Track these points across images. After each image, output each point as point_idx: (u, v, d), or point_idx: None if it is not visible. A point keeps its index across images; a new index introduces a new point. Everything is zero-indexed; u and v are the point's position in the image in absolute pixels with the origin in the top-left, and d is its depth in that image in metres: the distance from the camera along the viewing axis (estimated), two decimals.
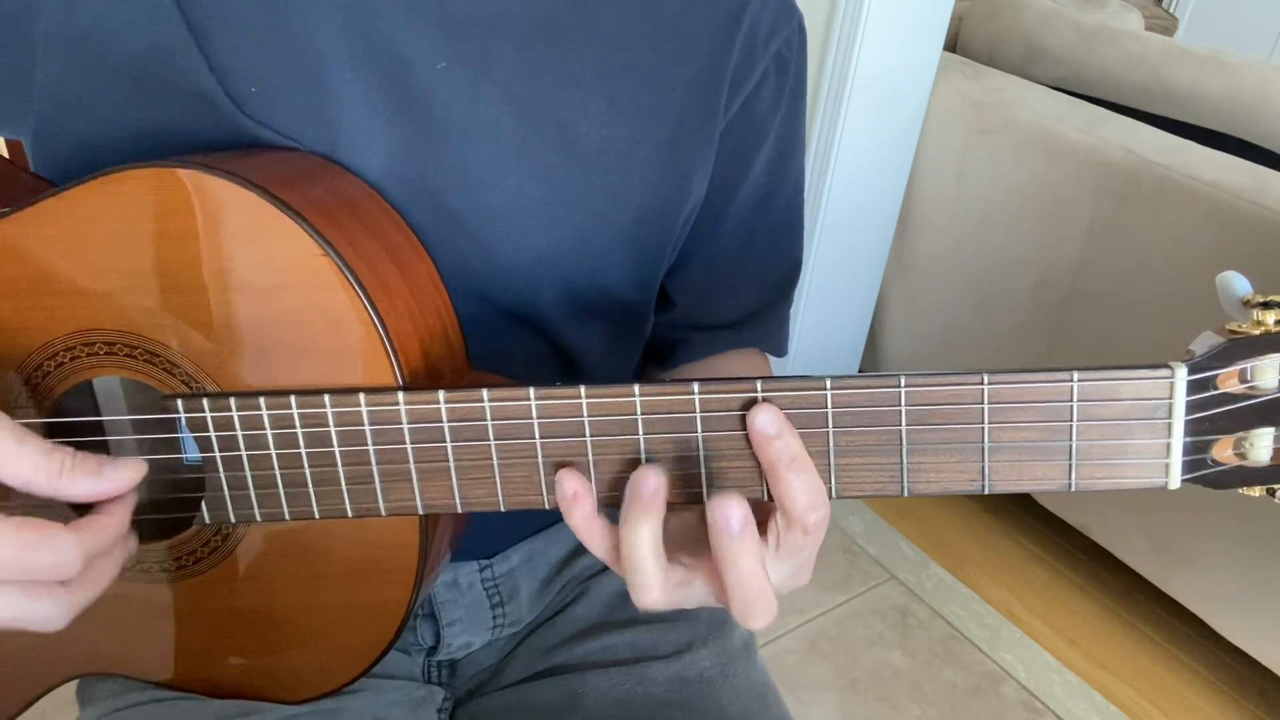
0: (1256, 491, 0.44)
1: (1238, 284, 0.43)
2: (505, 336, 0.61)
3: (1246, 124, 1.55)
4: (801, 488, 0.42)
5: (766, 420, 0.43)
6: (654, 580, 0.43)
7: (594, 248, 0.61)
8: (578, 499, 0.44)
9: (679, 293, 0.70)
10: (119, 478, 0.43)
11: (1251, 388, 0.42)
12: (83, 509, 0.44)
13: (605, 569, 0.74)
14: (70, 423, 0.51)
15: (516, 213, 0.57)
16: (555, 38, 0.56)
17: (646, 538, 0.43)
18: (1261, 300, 0.42)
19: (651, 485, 0.43)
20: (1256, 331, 0.42)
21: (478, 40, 0.54)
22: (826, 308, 1.88)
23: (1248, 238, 1.38)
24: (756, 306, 0.73)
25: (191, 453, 0.49)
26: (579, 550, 0.75)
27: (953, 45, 1.95)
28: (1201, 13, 3.74)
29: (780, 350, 0.77)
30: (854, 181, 1.74)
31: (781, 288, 0.75)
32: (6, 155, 0.58)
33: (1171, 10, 3.69)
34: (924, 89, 1.75)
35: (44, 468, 0.41)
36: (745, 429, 0.44)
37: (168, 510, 0.51)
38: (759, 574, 0.42)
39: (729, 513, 0.41)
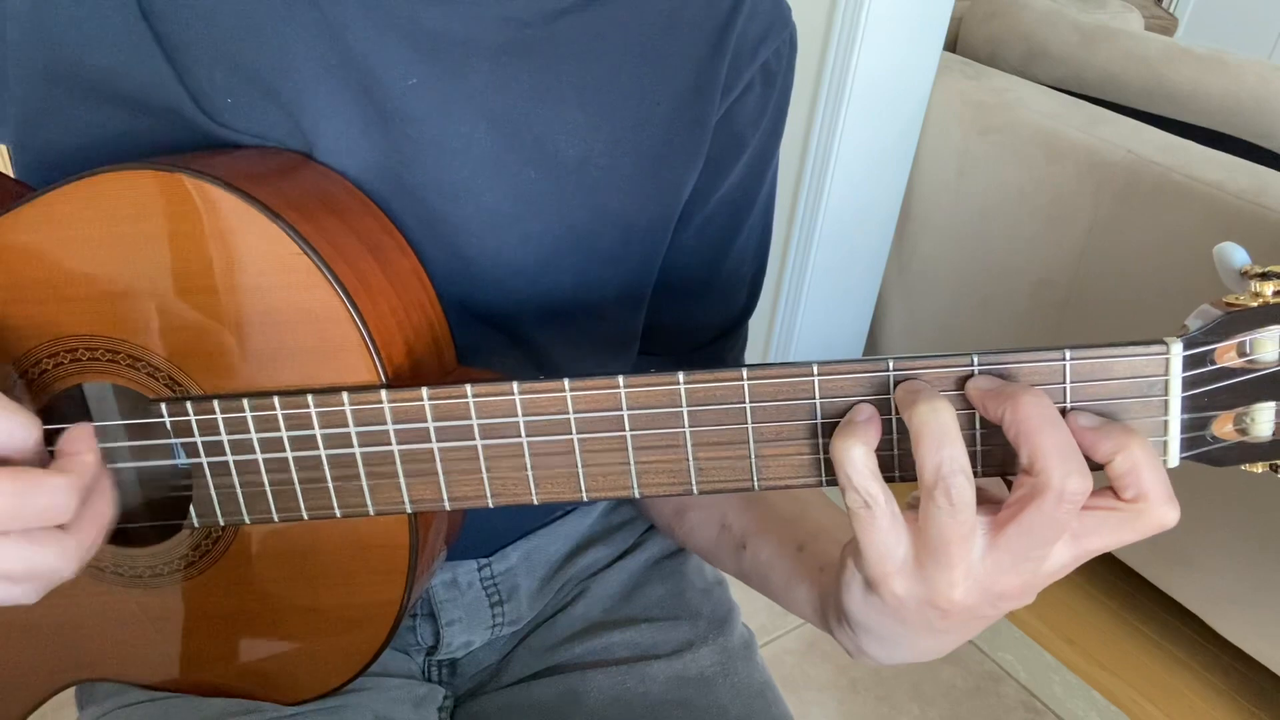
0: (1259, 468, 0.43)
1: (1235, 255, 0.41)
2: (488, 350, 0.60)
3: (1246, 124, 1.55)
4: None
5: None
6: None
7: (577, 264, 0.60)
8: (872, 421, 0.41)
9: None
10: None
11: (1251, 361, 0.41)
12: None
13: (606, 567, 0.74)
14: (59, 430, 0.50)
15: (493, 227, 0.56)
16: (529, 54, 0.55)
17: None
18: (1260, 271, 0.40)
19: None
20: (1255, 303, 0.40)
21: (450, 56, 0.54)
22: (826, 308, 1.88)
23: (1248, 238, 1.38)
24: (723, 325, 0.71)
25: (178, 457, 0.49)
26: (579, 548, 0.75)
27: (953, 45, 1.95)
28: (1201, 13, 3.74)
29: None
30: (854, 181, 1.73)
31: (748, 303, 0.73)
32: None
33: (1171, 10, 3.68)
34: (924, 89, 1.75)
35: (19, 422, 0.40)
36: (731, 421, 0.43)
37: (157, 514, 0.51)
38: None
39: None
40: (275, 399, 0.46)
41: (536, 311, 0.60)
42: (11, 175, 0.56)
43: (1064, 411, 0.41)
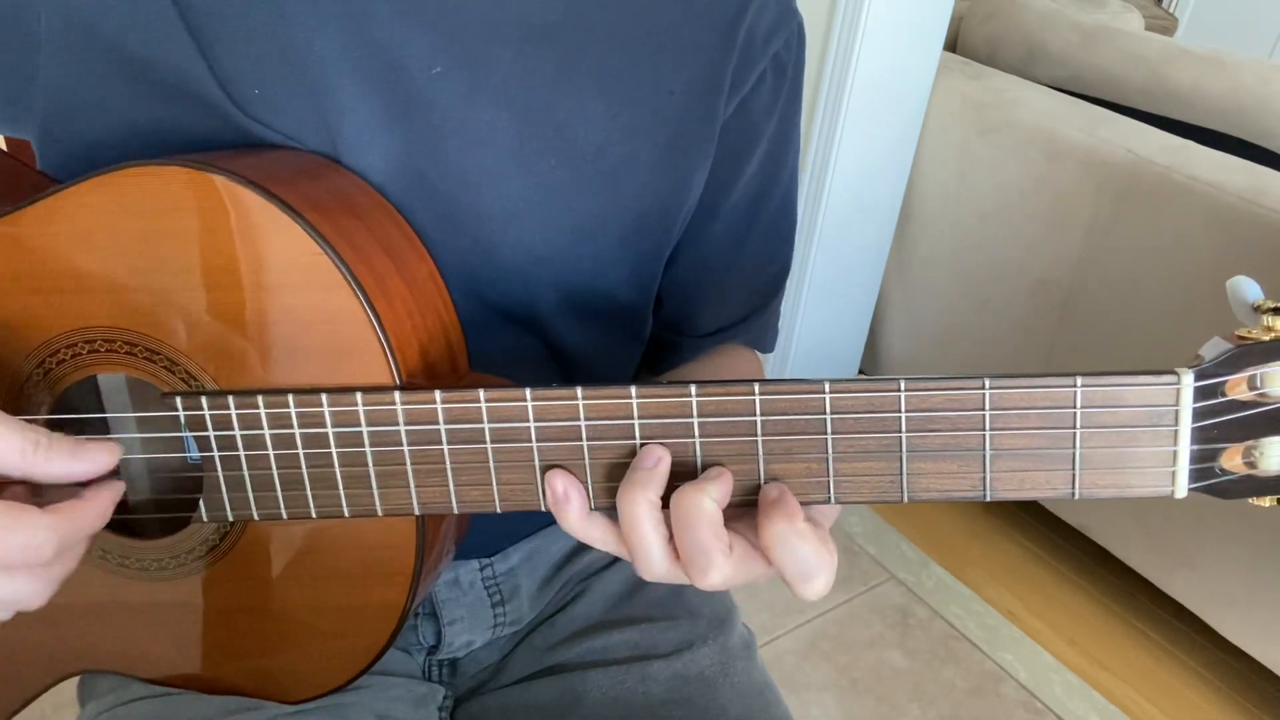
0: (1267, 502, 0.43)
1: (1248, 289, 0.42)
2: (504, 338, 0.61)
3: (1246, 124, 1.55)
4: (798, 559, 0.43)
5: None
6: (656, 551, 0.44)
7: (592, 250, 0.61)
8: (569, 498, 0.45)
9: (668, 292, 0.70)
10: (94, 460, 0.43)
11: (1261, 395, 0.41)
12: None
13: (606, 567, 0.74)
14: (72, 420, 0.51)
15: (514, 215, 0.57)
16: (551, 42, 0.56)
17: (644, 506, 0.43)
18: (1272, 306, 0.41)
19: (654, 457, 0.44)
20: (1267, 337, 0.40)
21: (474, 44, 0.54)
22: (826, 308, 1.88)
23: (1248, 238, 1.38)
24: (746, 311, 0.74)
25: (190, 451, 0.49)
26: (580, 549, 0.75)
27: (953, 45, 1.95)
28: (1201, 13, 3.74)
29: (767, 347, 0.77)
30: (854, 181, 1.73)
31: (770, 291, 0.75)
32: (6, 151, 0.58)
33: (1171, 10, 3.68)
34: (924, 89, 1.75)
35: (16, 445, 0.41)
36: (742, 433, 0.44)
37: (167, 508, 0.51)
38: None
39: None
40: (289, 397, 0.46)
41: (553, 298, 0.61)
42: (37, 168, 0.56)
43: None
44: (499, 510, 0.47)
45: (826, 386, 0.43)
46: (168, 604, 0.54)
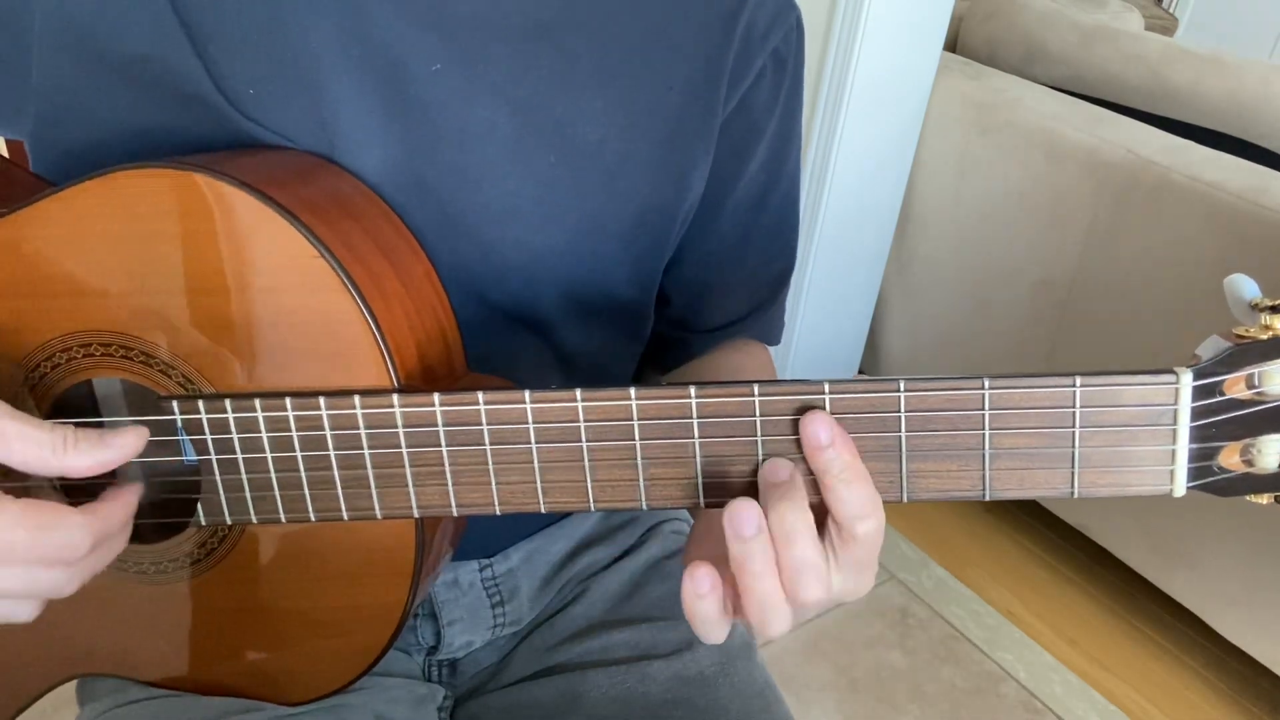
0: (1264, 499, 0.43)
1: (1246, 287, 0.42)
2: (504, 337, 0.61)
3: (1246, 124, 1.55)
4: (852, 497, 0.42)
5: (819, 429, 0.42)
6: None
7: (592, 247, 0.60)
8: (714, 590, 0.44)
9: (674, 290, 0.70)
10: (123, 445, 0.44)
11: (1259, 393, 0.41)
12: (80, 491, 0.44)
13: (606, 567, 0.74)
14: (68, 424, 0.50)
15: (513, 213, 0.57)
16: (549, 38, 0.56)
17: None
18: (1270, 304, 0.41)
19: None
20: (1264, 336, 0.41)
21: (472, 41, 0.54)
22: (826, 308, 1.88)
23: (1248, 238, 1.38)
24: (752, 306, 0.73)
25: (188, 454, 0.49)
26: (579, 549, 0.75)
27: (953, 45, 1.95)
28: (1201, 13, 3.74)
29: (774, 340, 0.77)
30: (854, 181, 1.73)
31: (776, 286, 0.75)
32: (5, 155, 0.57)
33: (1171, 10, 3.68)
34: (924, 89, 1.75)
35: (46, 443, 0.42)
36: (741, 434, 0.44)
37: (164, 512, 0.51)
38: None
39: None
40: (287, 400, 0.46)
41: (553, 296, 0.61)
42: (30, 169, 0.56)
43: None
44: (498, 512, 0.47)
45: (826, 387, 0.43)
46: (166, 607, 0.54)
